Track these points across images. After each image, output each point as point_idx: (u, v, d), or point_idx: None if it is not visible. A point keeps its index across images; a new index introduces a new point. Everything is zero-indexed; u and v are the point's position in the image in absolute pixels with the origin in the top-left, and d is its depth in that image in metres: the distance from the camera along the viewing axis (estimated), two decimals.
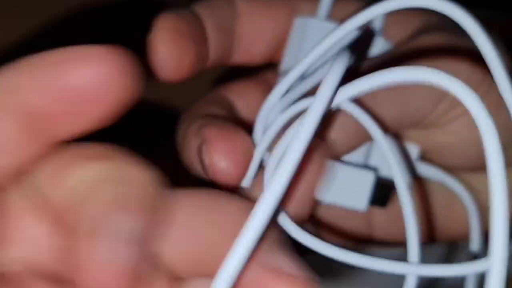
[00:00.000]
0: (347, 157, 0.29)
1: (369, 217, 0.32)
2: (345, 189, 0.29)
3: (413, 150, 0.31)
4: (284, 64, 0.32)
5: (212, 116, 0.30)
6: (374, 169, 0.29)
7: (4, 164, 0.20)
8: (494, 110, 0.23)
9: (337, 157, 0.29)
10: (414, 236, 0.26)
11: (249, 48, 0.31)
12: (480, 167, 0.27)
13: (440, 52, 0.29)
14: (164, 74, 0.28)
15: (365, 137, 0.28)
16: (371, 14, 0.25)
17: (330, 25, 0.31)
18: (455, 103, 0.28)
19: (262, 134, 0.28)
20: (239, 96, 0.32)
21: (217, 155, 0.27)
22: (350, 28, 0.26)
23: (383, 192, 0.30)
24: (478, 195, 0.32)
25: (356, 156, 0.29)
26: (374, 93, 0.25)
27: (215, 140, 0.27)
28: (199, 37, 0.29)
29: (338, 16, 0.32)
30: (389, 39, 0.31)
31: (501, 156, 0.22)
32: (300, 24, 0.31)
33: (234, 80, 0.33)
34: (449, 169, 0.32)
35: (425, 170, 0.32)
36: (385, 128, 0.28)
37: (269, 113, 0.28)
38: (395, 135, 0.30)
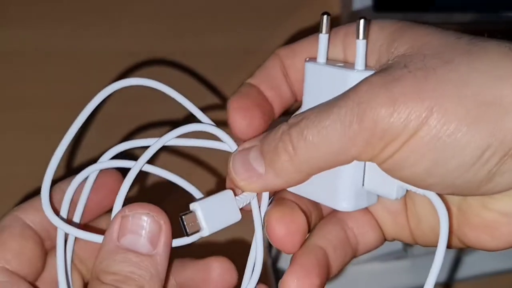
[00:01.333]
0: None
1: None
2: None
3: None
4: (304, 107, 0.38)
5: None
6: None
7: None
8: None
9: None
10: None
11: (299, 88, 0.39)
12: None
13: None
14: (240, 134, 0.38)
15: None
16: None
17: (331, 69, 0.36)
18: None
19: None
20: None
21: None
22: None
23: None
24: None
25: None
26: None
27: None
28: (262, 101, 0.39)
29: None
30: (370, 43, 0.36)
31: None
32: (310, 68, 0.37)
33: None
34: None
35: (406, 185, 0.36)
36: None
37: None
38: None
